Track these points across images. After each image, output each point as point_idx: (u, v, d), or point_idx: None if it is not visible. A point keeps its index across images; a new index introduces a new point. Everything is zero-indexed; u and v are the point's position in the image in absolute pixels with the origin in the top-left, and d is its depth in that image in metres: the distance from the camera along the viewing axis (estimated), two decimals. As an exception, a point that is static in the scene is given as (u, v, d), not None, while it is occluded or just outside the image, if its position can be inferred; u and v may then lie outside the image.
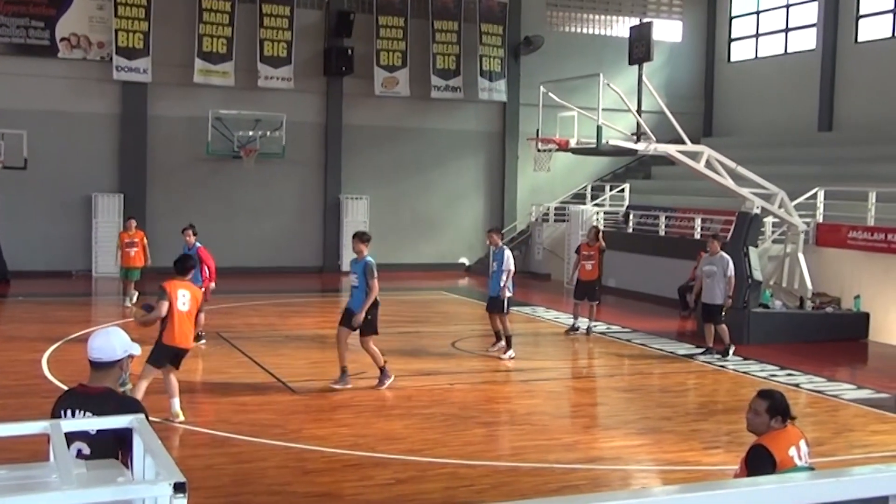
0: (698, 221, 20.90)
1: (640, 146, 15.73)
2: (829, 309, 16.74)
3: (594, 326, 16.47)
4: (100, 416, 4.23)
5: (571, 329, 16.54)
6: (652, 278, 20.77)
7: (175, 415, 9.80)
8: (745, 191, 16.21)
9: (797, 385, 12.57)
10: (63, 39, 22.99)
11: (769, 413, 5.57)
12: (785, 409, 5.61)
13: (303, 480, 8.25)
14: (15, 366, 12.65)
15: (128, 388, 8.61)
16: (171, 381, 9.85)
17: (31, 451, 4.08)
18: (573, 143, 15.66)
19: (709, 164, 16.08)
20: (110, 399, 4.60)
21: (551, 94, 16.33)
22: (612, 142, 15.64)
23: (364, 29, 25.25)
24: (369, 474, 8.36)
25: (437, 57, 26.09)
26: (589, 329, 16.31)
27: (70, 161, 23.23)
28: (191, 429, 9.70)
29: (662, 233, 21.98)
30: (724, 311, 14.33)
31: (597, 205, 25.65)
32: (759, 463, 5.34)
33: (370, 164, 26.10)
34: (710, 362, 14.05)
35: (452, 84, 26.26)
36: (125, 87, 23.62)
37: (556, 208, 26.32)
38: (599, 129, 15.14)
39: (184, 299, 9.68)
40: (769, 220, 17.95)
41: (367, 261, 11.42)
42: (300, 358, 13.36)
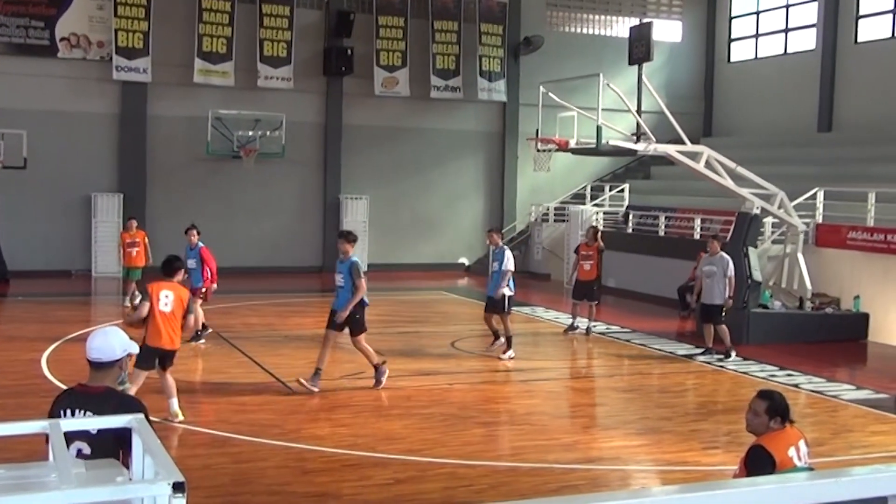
0: (698, 222, 20.90)
1: (639, 146, 15.73)
2: (829, 309, 16.74)
3: (594, 327, 16.47)
4: (100, 415, 4.22)
5: (570, 328, 16.56)
6: (651, 278, 20.77)
7: (174, 415, 9.79)
8: (745, 191, 16.21)
9: (796, 385, 12.57)
10: (63, 39, 23.00)
11: (768, 413, 5.56)
12: (784, 409, 5.61)
13: (302, 480, 8.25)
14: (14, 365, 12.64)
15: (126, 387, 8.59)
16: (167, 381, 9.81)
17: (28, 451, 4.08)
18: (573, 144, 15.66)
19: (708, 165, 16.08)
20: (111, 398, 4.59)
21: (551, 95, 16.33)
22: (612, 142, 15.64)
23: (364, 29, 25.26)
24: (368, 474, 8.36)
25: (437, 57, 26.09)
26: (588, 329, 16.30)
27: (70, 161, 23.23)
28: (190, 428, 9.70)
29: (662, 233, 21.98)
30: (724, 312, 14.32)
31: (596, 205, 25.65)
32: (759, 463, 5.33)
33: (370, 164, 26.10)
34: (709, 362, 14.05)
35: (452, 84, 26.26)
36: (125, 87, 23.62)
37: (556, 208, 26.32)
38: (599, 129, 15.14)
39: (166, 300, 9.60)
40: (769, 220, 17.96)
41: (353, 261, 11.39)
42: (299, 358, 13.34)
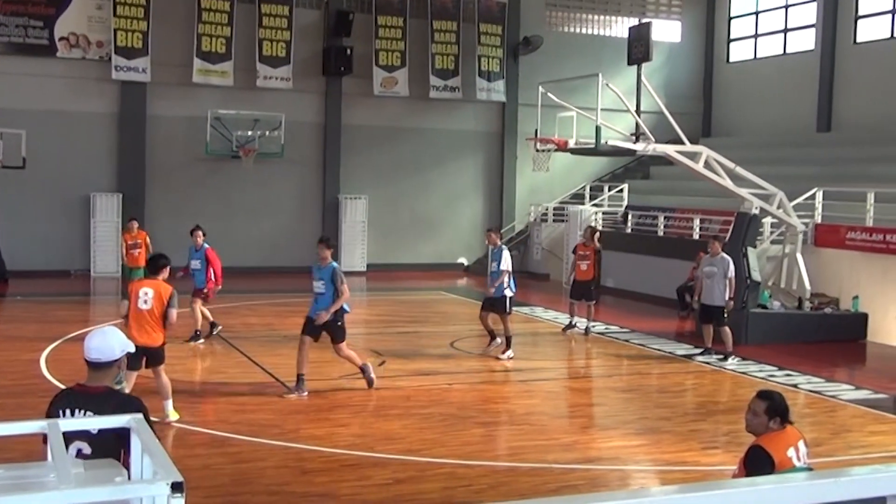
0: (697, 222, 20.91)
1: (638, 146, 15.74)
2: (828, 309, 16.75)
3: (593, 327, 16.47)
4: (101, 415, 4.21)
5: (568, 326, 16.59)
6: (650, 278, 20.77)
7: (169, 416, 9.73)
8: (744, 191, 16.22)
9: (795, 385, 12.57)
10: (62, 39, 22.99)
11: (768, 414, 5.56)
12: (784, 410, 5.61)
13: (301, 480, 8.25)
14: (13, 365, 12.64)
15: (122, 386, 8.58)
16: (162, 382, 9.73)
17: (27, 451, 4.08)
18: (572, 144, 15.66)
19: (707, 165, 16.08)
20: (111, 398, 4.59)
21: (550, 95, 16.32)
22: (611, 142, 15.64)
23: (363, 29, 25.26)
24: (367, 474, 8.36)
25: (436, 57, 26.09)
26: (587, 329, 16.31)
27: (69, 161, 23.22)
28: (189, 428, 9.70)
29: (661, 233, 21.98)
30: (726, 314, 14.30)
31: (595, 205, 25.66)
32: (758, 464, 5.33)
33: (369, 164, 26.10)
34: (708, 363, 14.05)
35: (451, 84, 26.26)
36: (124, 87, 23.61)
37: (555, 208, 26.32)
38: (598, 129, 15.13)
39: (145, 297, 9.57)
40: (768, 220, 17.95)
41: (335, 266, 11.23)
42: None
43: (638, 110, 15.92)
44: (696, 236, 20.47)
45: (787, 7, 27.15)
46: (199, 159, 24.12)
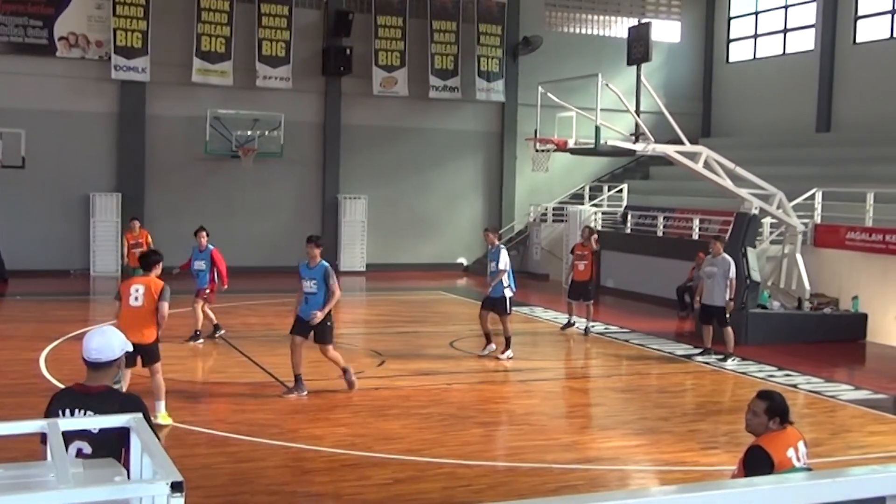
0: (696, 222, 20.90)
1: (638, 146, 15.73)
2: (827, 310, 16.75)
3: (592, 327, 16.48)
4: (102, 414, 4.21)
5: (567, 325, 16.62)
6: (650, 279, 20.77)
7: (161, 417, 9.55)
8: (744, 191, 16.22)
9: (795, 386, 12.57)
10: (61, 38, 22.99)
11: (768, 414, 5.56)
12: (784, 410, 5.60)
13: (301, 480, 8.25)
14: (13, 365, 12.64)
15: (119, 386, 8.57)
16: (157, 381, 9.64)
17: (27, 451, 4.08)
18: (571, 144, 15.66)
19: (707, 165, 16.08)
20: (112, 397, 4.58)
21: (550, 95, 16.32)
22: (611, 142, 15.64)
23: (363, 29, 25.26)
24: (367, 474, 8.36)
25: (436, 57, 26.09)
26: (587, 329, 16.31)
27: (68, 160, 23.22)
28: (189, 428, 9.69)
29: (661, 233, 21.98)
30: (728, 314, 14.27)
31: (595, 205, 25.66)
32: (757, 464, 5.33)
33: (368, 164, 26.10)
34: (707, 363, 14.05)
35: (450, 84, 26.27)
36: (123, 87, 23.61)
37: (555, 209, 26.32)
38: (598, 129, 15.14)
39: (136, 294, 9.54)
40: (767, 220, 17.95)
41: (326, 265, 11.09)
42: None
43: (637, 110, 15.92)
44: (696, 236, 20.47)
45: (786, 7, 27.16)
46: (199, 159, 24.12)
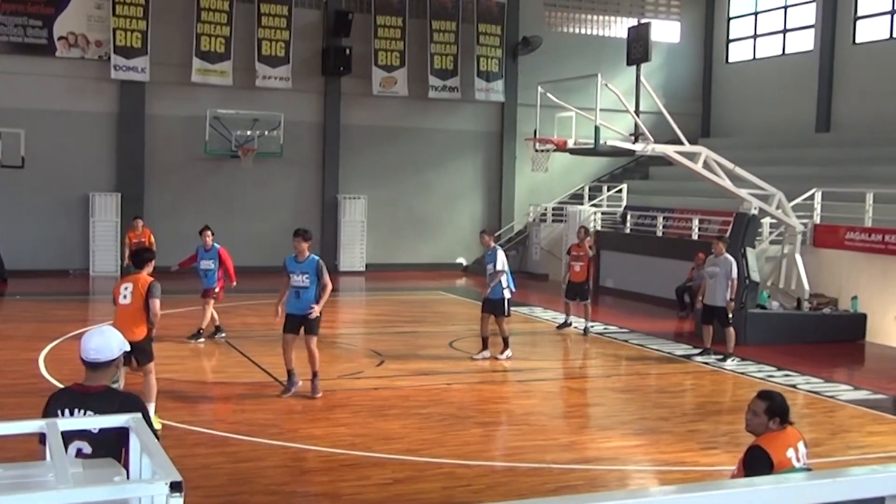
0: (696, 222, 20.90)
1: (637, 147, 15.73)
2: (827, 310, 16.75)
3: (591, 327, 16.48)
4: (102, 414, 4.21)
5: (564, 325, 16.65)
6: (649, 279, 20.78)
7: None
8: (743, 191, 16.22)
9: (794, 386, 12.57)
10: (61, 38, 22.98)
11: (768, 414, 5.56)
12: (784, 410, 5.60)
13: (300, 480, 8.26)
14: (12, 365, 12.64)
15: (118, 385, 8.57)
16: (149, 383, 9.56)
17: (27, 451, 4.08)
18: (571, 144, 15.66)
19: (706, 165, 16.08)
20: (112, 397, 4.58)
21: (549, 95, 16.32)
22: (610, 142, 15.64)
23: (362, 29, 25.26)
24: (366, 474, 8.35)
25: (435, 57, 26.09)
26: (586, 329, 16.31)
27: (68, 160, 23.22)
28: (188, 428, 9.69)
29: (660, 233, 21.98)
30: (730, 314, 14.26)
31: (594, 205, 25.66)
32: (757, 464, 5.33)
33: (368, 164, 26.09)
34: (707, 363, 14.05)
35: (450, 84, 26.27)
36: (123, 87, 23.61)
37: (554, 209, 26.32)
38: (597, 129, 15.14)
39: (125, 292, 9.48)
40: (767, 220, 17.96)
41: (317, 259, 11.07)
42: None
43: (637, 110, 15.92)
44: (695, 237, 20.48)
45: (786, 7, 27.16)
46: (198, 159, 24.11)
